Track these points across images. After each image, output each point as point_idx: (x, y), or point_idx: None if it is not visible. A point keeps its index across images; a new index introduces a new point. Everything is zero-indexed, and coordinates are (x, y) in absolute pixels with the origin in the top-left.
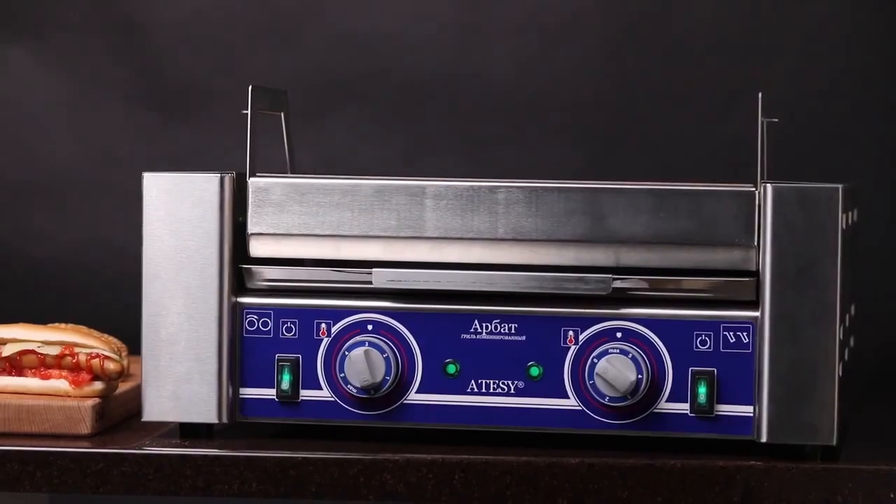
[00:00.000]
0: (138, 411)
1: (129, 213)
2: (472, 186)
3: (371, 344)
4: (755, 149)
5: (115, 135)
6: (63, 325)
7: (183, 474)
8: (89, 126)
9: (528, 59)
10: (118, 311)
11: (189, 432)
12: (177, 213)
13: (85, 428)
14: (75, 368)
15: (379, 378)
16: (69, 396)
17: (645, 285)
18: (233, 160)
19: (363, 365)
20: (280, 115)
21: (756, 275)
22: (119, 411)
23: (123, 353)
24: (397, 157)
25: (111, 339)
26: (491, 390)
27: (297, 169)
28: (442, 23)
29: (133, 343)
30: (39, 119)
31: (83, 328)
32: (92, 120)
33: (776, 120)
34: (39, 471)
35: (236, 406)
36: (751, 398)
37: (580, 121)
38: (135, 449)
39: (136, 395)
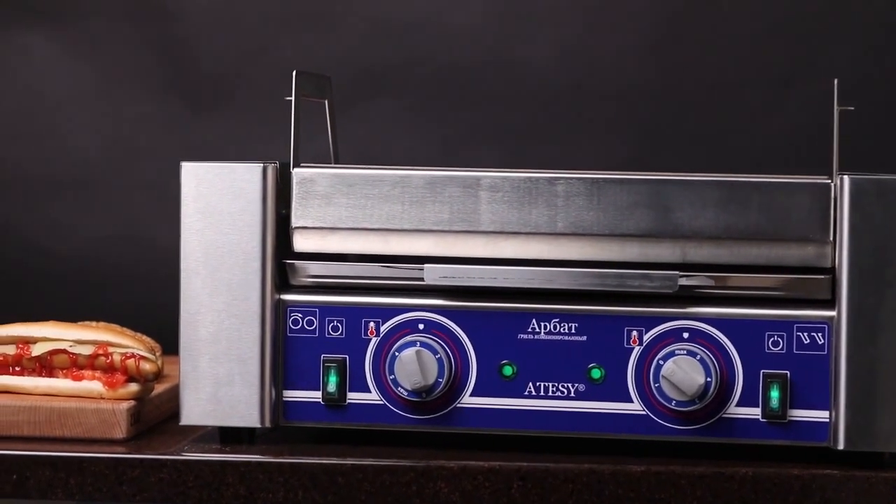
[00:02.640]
0: (173, 414)
1: (157, 207)
2: (529, 178)
3: (423, 344)
4: (817, 139)
5: (142, 125)
6: (95, 324)
7: (224, 482)
8: (115, 116)
9: (570, 47)
10: (147, 310)
11: (229, 437)
12: (217, 205)
13: (120, 432)
14: (109, 369)
15: (431, 380)
16: (103, 399)
17: (713, 283)
18: (267, 151)
19: (414, 366)
20: (324, 103)
21: (832, 272)
22: (154, 414)
23: (157, 353)
24: (434, 150)
25: (145, 338)
26: (549, 393)
27: (339, 160)
28: (481, 9)
29: (165, 343)
30: (63, 109)
31: (116, 326)
32: (118, 110)
33: (852, 108)
34: (72, 478)
35: (279, 409)
36: (826, 403)
37: (625, 111)
38: (173, 455)
39: (170, 397)
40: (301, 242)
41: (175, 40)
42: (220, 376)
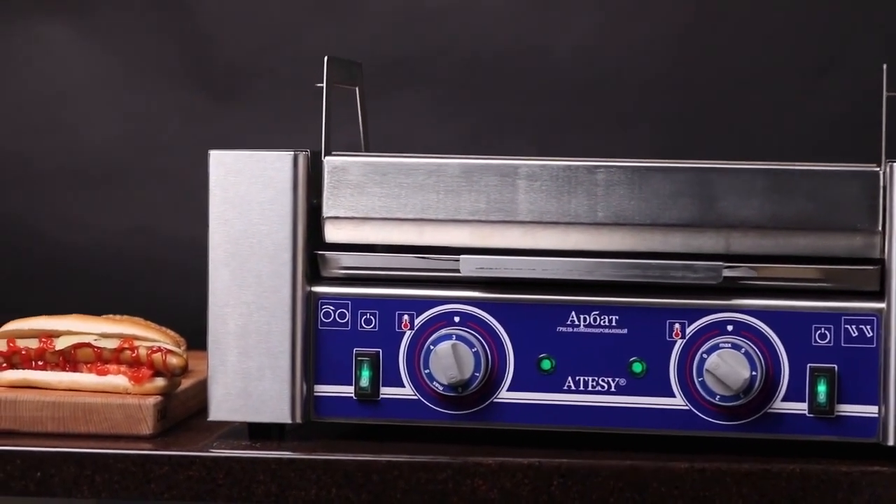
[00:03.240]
0: (198, 410)
1: (177, 200)
2: (568, 166)
3: (458, 337)
4: (852, 128)
5: (162, 117)
6: (119, 317)
7: (255, 479)
8: (135, 107)
9: (597, 35)
10: (168, 305)
11: (258, 433)
12: (246, 194)
13: (146, 428)
14: (135, 363)
15: (467, 374)
16: (128, 394)
17: (758, 274)
18: (291, 143)
19: (450, 360)
20: (355, 90)
21: (880, 262)
22: (180, 410)
23: (182, 348)
24: (459, 140)
25: (170, 331)
26: (589, 388)
27: (369, 149)
28: None
29: (187, 338)
30: (81, 100)
31: (140, 320)
32: (138, 101)
33: None
34: (98, 475)
35: (311, 405)
36: (875, 397)
37: (654, 101)
38: (202, 451)
39: (196, 392)
40: (333, 233)
41: (196, 29)
42: (250, 371)
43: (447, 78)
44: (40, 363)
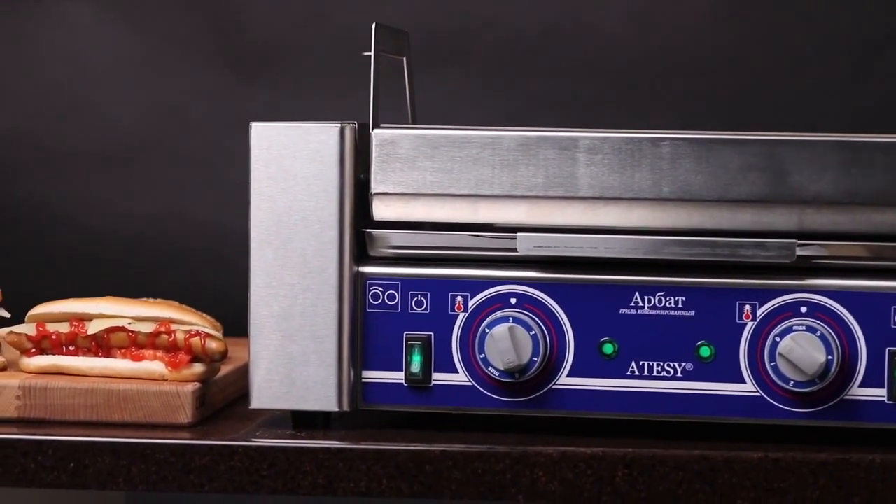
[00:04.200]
0: (237, 398)
1: (206, 182)
2: (632, 138)
3: (516, 320)
4: None
5: (189, 96)
6: (154, 300)
7: (301, 470)
8: (161, 86)
9: (641, 12)
10: (197, 290)
11: (303, 422)
12: (290, 169)
13: (185, 416)
14: (172, 348)
15: (525, 359)
16: (165, 380)
17: (833, 252)
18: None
19: (507, 344)
20: (402, 60)
21: None
22: (218, 398)
23: (219, 332)
24: (498, 120)
25: (206, 316)
26: (654, 373)
27: (417, 122)
28: None
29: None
30: (105, 80)
31: (176, 303)
32: (164, 79)
33: None
34: (135, 466)
35: (358, 392)
36: None
37: (702, 80)
38: (245, 440)
39: (234, 379)
40: (381, 210)
41: (224, 5)
42: (294, 356)
43: (485, 56)
44: (71, 348)
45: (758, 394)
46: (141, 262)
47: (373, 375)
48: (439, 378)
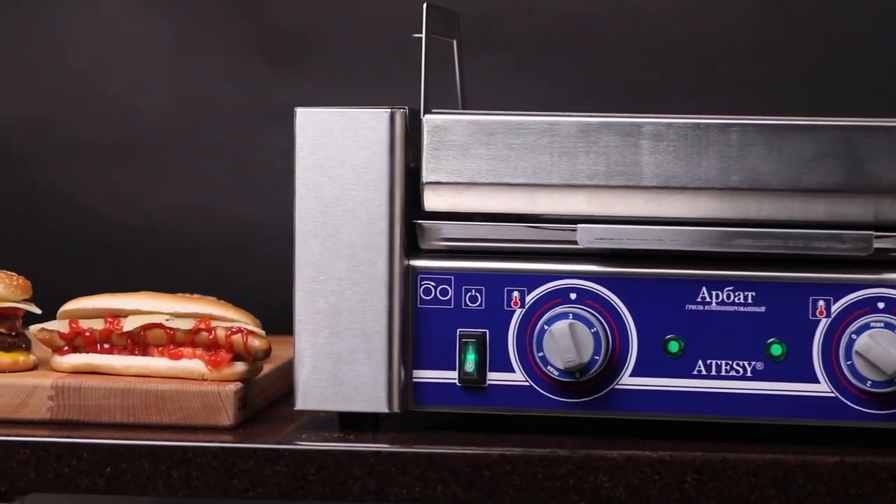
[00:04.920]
0: (278, 398)
1: (235, 175)
2: (698, 124)
3: (576, 316)
4: None
5: (217, 84)
6: (191, 295)
7: (351, 475)
8: (188, 75)
9: None
10: (226, 286)
11: (350, 423)
12: (337, 156)
13: (226, 418)
14: (212, 346)
15: (586, 357)
16: (205, 380)
17: None
18: None
19: (567, 341)
20: (452, 43)
21: None
22: (259, 399)
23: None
24: (538, 108)
25: (246, 312)
26: (723, 373)
27: (466, 108)
28: None
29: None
30: (131, 68)
31: (213, 299)
32: (191, 68)
33: None
34: (175, 470)
35: (409, 392)
36: None
37: (753, 65)
38: (291, 444)
39: (274, 379)
40: (433, 200)
41: None
42: (342, 354)
43: (530, 42)
44: (106, 346)
45: (832, 394)
46: (167, 258)
47: (424, 375)
48: (495, 378)
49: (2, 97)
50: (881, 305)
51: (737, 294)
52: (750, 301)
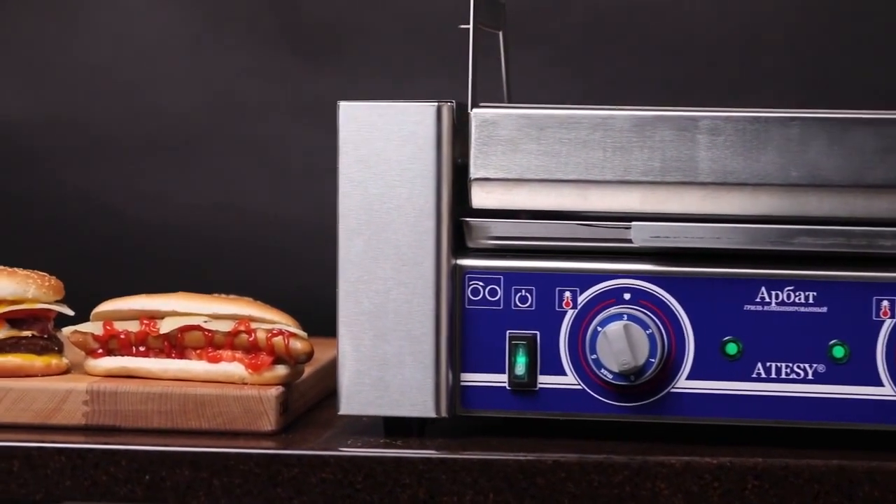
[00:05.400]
0: (317, 403)
1: (264, 172)
2: (757, 118)
3: (630, 317)
4: None
5: (245, 79)
6: (229, 296)
7: (400, 482)
8: (215, 69)
9: None
10: (255, 288)
11: (395, 428)
12: (382, 152)
13: (268, 424)
14: (252, 349)
15: (642, 360)
16: (245, 384)
17: None
18: None
19: (622, 344)
20: (498, 34)
21: None
22: (299, 403)
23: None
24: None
25: (286, 314)
26: (782, 375)
27: (512, 101)
28: None
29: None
30: (155, 62)
31: (251, 300)
32: (218, 62)
33: None
34: (217, 478)
35: (457, 396)
36: None
37: (801, 59)
38: (336, 450)
39: (314, 382)
40: (481, 197)
41: None
42: (388, 357)
43: (570, 35)
44: (142, 349)
45: None
46: (194, 258)
47: (472, 378)
48: (545, 381)
49: (27, 94)
50: None
51: (797, 294)
52: (811, 301)
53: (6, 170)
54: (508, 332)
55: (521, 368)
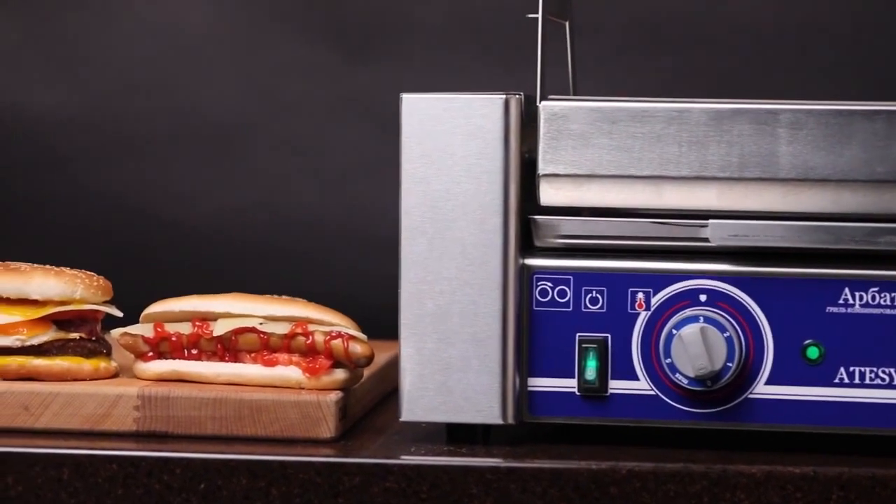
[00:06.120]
0: (373, 408)
1: (305, 170)
2: (841, 111)
3: (707, 320)
4: None
5: (287, 75)
6: (283, 297)
7: (467, 492)
8: (256, 65)
9: None
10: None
11: (459, 435)
12: (447, 147)
13: (327, 430)
14: (310, 352)
15: (719, 365)
16: (302, 389)
17: None
18: None
19: (699, 347)
20: (564, 25)
21: None
22: (356, 408)
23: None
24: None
25: (344, 315)
26: (867, 381)
27: (578, 94)
28: None
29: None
30: (194, 57)
31: (305, 301)
32: (259, 57)
33: None
34: (275, 487)
35: (524, 402)
36: None
37: (856, 54)
38: (399, 458)
39: (371, 386)
40: (550, 194)
41: None
42: (452, 361)
43: (609, 31)
44: (194, 352)
45: None
46: (233, 259)
47: (540, 383)
48: (617, 386)
49: (65, 92)
50: None
51: (882, 295)
52: None
53: (46, 168)
54: (578, 334)
55: (591, 373)
